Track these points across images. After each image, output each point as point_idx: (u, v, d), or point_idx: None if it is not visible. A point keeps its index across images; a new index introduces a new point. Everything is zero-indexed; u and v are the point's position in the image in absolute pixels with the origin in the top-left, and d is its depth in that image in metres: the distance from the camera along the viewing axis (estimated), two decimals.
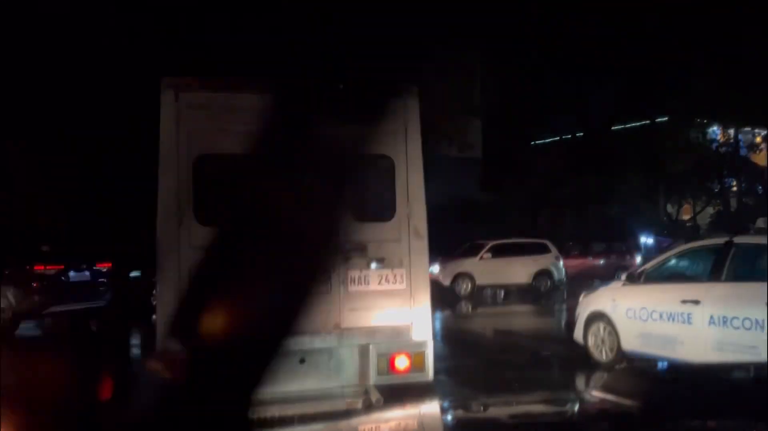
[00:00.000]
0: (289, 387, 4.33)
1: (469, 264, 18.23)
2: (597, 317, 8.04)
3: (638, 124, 27.69)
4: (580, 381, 7.95)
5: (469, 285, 18.05)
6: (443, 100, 17.57)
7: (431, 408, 2.80)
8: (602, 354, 7.95)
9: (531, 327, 13.40)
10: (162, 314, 4.35)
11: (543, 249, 17.05)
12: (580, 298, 8.85)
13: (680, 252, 7.65)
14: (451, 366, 8.31)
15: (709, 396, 1.71)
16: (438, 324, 12.16)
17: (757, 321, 5.92)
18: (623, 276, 7.97)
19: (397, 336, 4.71)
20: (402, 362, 4.69)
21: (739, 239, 6.72)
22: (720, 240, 6.92)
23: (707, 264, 6.92)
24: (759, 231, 6.98)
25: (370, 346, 4.61)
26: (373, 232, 4.69)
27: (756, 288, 6.04)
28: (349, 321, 4.59)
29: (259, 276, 4.20)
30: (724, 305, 6.35)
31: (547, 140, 29.66)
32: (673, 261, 7.61)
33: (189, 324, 4.19)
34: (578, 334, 8.36)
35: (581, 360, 8.24)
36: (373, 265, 4.68)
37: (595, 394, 1.96)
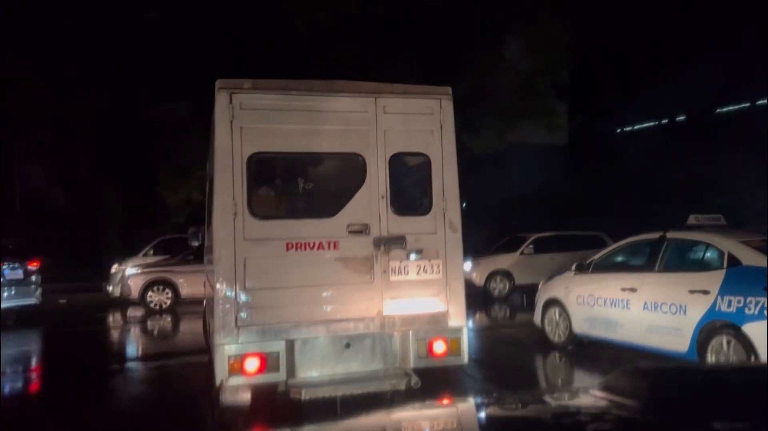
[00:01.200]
0: (336, 369, 4.96)
1: (506, 261, 16.28)
2: (552, 303, 9.10)
3: (748, 105, 25.99)
4: None
5: (506, 285, 16.18)
6: (530, 78, 16.41)
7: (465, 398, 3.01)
8: (556, 336, 9.01)
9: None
10: (220, 301, 4.71)
11: (597, 243, 14.05)
12: (539, 286, 9.79)
13: (623, 245, 8.41)
14: None
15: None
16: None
17: (681, 307, 6.80)
18: (574, 267, 8.81)
19: (435, 323, 5.15)
20: (439, 347, 5.14)
21: (671, 234, 7.53)
22: (655, 235, 7.69)
23: (644, 256, 7.75)
24: (690, 227, 7.58)
25: (410, 332, 5.08)
26: (411, 226, 5.14)
27: (682, 277, 7.00)
28: (390, 308, 5.04)
29: (308, 268, 4.93)
30: (655, 292, 7.22)
31: (643, 125, 28.44)
32: (617, 253, 8.46)
33: (245, 313, 4.94)
34: (537, 318, 9.45)
35: None
36: (412, 256, 5.11)
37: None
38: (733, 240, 6.77)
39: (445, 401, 2.49)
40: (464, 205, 6.20)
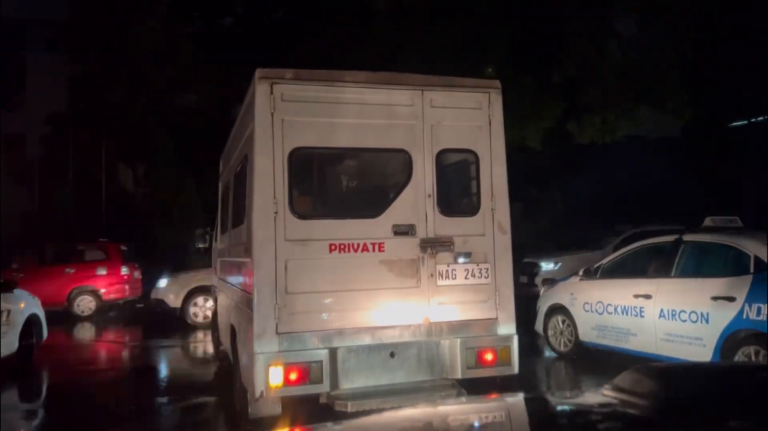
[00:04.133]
0: (381, 380, 4.95)
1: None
2: (556, 310, 9.06)
3: None
4: None
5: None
6: (647, 55, 15.02)
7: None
8: (561, 344, 8.99)
9: None
10: (259, 307, 4.67)
11: None
12: (541, 292, 9.79)
13: (633, 249, 8.32)
14: None
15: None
16: None
17: (702, 315, 6.64)
18: (581, 272, 8.79)
19: (484, 330, 5.11)
20: (489, 356, 5.09)
21: (687, 237, 7.41)
22: (670, 238, 7.58)
23: (658, 261, 7.62)
24: (707, 230, 7.44)
25: (458, 340, 5.05)
26: (459, 227, 5.12)
27: (702, 283, 6.82)
28: (437, 315, 5.02)
29: (352, 271, 5.00)
30: (673, 299, 7.10)
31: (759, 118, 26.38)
32: (627, 258, 8.34)
33: (286, 320, 5.03)
34: (539, 326, 9.45)
35: None
36: (460, 260, 5.09)
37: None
38: (760, 243, 6.46)
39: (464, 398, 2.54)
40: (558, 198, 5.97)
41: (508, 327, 5.15)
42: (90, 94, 20.62)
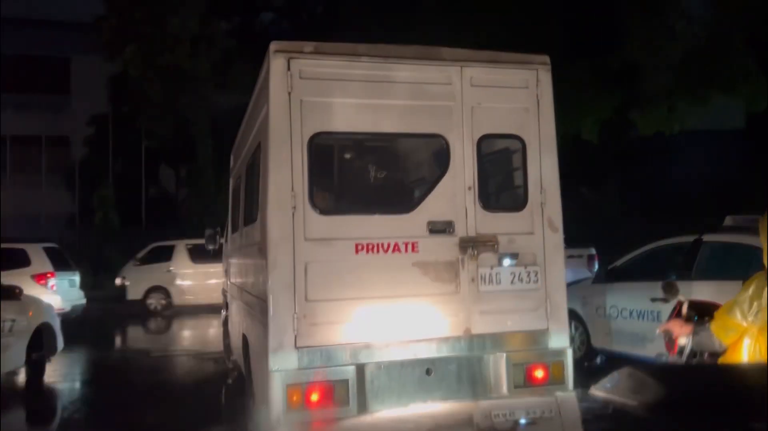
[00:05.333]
0: (415, 401, 4.30)
1: None
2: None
3: None
4: None
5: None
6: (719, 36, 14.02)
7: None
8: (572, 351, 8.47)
9: None
10: (275, 317, 4.16)
11: None
12: None
13: (649, 250, 8.13)
14: None
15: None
16: None
17: None
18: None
19: (533, 344, 4.54)
20: (539, 372, 4.52)
21: (709, 237, 7.25)
22: (689, 239, 7.45)
23: (677, 262, 7.45)
24: (727, 230, 7.31)
25: (504, 355, 4.48)
26: (503, 224, 4.55)
27: (726, 285, 6.24)
28: (480, 325, 4.45)
29: (381, 275, 4.32)
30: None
31: None
32: (642, 260, 8.14)
33: (306, 331, 4.41)
34: None
35: None
36: (506, 262, 4.51)
37: None
38: None
39: None
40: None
41: (560, 340, 4.55)
42: (129, 92, 20.79)
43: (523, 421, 2.09)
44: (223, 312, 8.97)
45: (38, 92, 28.27)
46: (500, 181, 5.01)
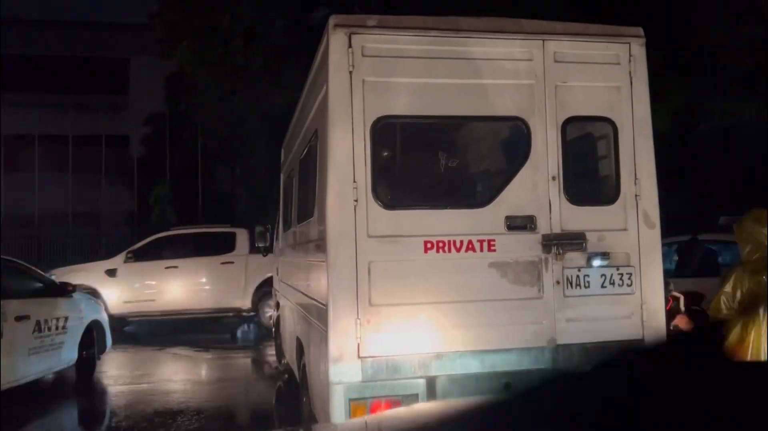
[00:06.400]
0: None
1: None
2: None
3: None
4: None
5: None
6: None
7: None
8: None
9: None
10: (336, 322, 3.84)
11: None
12: None
13: None
14: None
15: None
16: None
17: None
18: None
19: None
20: None
21: (702, 236, 7.79)
22: (685, 238, 7.97)
23: (672, 261, 7.82)
24: (721, 229, 7.43)
25: None
26: (592, 219, 4.09)
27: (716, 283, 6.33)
28: (566, 335, 4.01)
29: (454, 277, 3.83)
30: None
31: None
32: None
33: (370, 340, 4.01)
34: None
35: None
36: (595, 262, 4.06)
37: None
38: None
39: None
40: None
41: None
42: (184, 88, 20.97)
43: None
44: (275, 312, 8.74)
45: (98, 93, 29.04)
46: (589, 169, 4.52)
